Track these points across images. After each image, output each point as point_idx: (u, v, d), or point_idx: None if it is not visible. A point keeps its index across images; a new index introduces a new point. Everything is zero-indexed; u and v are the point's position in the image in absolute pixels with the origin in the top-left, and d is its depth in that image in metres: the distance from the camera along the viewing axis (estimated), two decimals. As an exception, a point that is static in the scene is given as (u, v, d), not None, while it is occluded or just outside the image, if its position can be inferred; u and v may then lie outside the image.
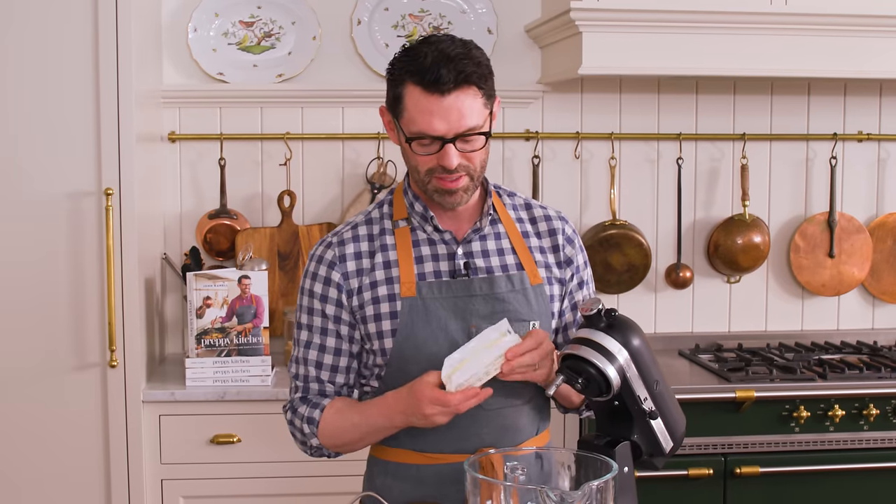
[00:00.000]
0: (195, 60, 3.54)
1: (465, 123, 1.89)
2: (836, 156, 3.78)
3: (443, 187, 1.94)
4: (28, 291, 3.02)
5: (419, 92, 1.89)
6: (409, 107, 1.90)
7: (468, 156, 1.93)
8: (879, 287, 3.88)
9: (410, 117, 1.90)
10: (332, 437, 2.03)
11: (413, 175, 2.00)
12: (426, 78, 1.87)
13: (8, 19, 2.96)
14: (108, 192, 2.97)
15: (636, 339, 1.85)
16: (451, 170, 1.91)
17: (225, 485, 3.10)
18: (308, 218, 3.66)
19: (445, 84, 1.86)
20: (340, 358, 2.05)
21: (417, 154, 1.93)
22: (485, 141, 1.94)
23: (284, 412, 2.11)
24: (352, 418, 2.00)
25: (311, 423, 2.03)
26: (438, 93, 1.87)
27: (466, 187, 1.96)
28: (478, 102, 1.91)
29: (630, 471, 1.86)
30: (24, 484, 3.05)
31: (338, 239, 2.05)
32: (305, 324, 2.07)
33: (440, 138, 1.89)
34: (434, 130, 1.89)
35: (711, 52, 3.26)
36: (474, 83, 1.90)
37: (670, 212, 3.78)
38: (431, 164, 1.93)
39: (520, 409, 2.04)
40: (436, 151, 1.91)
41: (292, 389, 2.11)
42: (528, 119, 3.70)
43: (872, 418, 3.22)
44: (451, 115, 1.88)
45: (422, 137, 1.90)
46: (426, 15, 3.64)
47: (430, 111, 1.88)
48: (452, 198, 1.96)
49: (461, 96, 1.88)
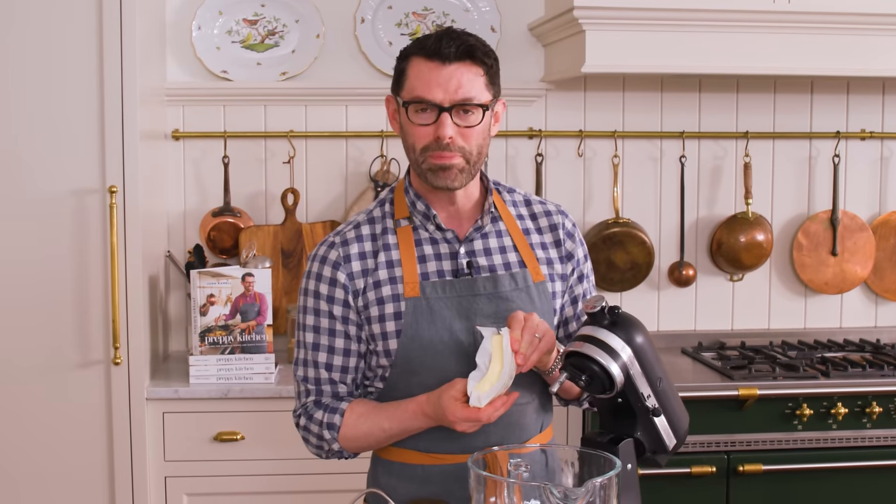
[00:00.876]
0: (199, 58, 3.54)
1: (462, 94, 1.91)
2: (839, 154, 3.78)
3: (436, 163, 1.94)
4: (32, 289, 3.02)
5: (422, 61, 1.93)
6: (411, 76, 1.94)
7: (463, 132, 1.93)
8: (882, 285, 3.88)
9: (411, 85, 1.94)
10: (355, 441, 2.01)
11: (410, 156, 1.99)
12: (429, 48, 1.92)
13: (11, 17, 2.96)
14: (112, 190, 2.98)
15: (639, 336, 1.86)
16: (445, 143, 1.91)
17: (228, 482, 3.11)
18: (311, 216, 3.66)
19: (446, 53, 1.91)
20: (350, 359, 2.04)
21: (414, 123, 1.94)
22: (482, 117, 1.94)
23: (296, 418, 2.07)
24: (381, 423, 1.98)
25: (331, 428, 2.00)
26: (439, 60, 1.91)
27: (461, 167, 1.95)
28: (479, 80, 1.94)
29: (633, 468, 1.86)
30: (28, 481, 3.06)
31: (341, 239, 2.04)
32: (312, 325, 2.04)
33: (437, 106, 1.91)
34: (431, 96, 1.91)
35: (715, 50, 3.26)
36: (477, 59, 1.93)
37: (673, 210, 3.78)
38: (427, 140, 1.93)
39: (524, 407, 2.04)
40: (432, 122, 1.92)
41: (301, 394, 2.07)
42: (531, 117, 3.70)
43: (875, 416, 3.22)
44: (450, 84, 1.91)
45: (419, 102, 1.92)
46: (429, 13, 3.64)
47: (429, 78, 1.92)
48: (446, 174, 1.95)
49: (462, 69, 1.92)
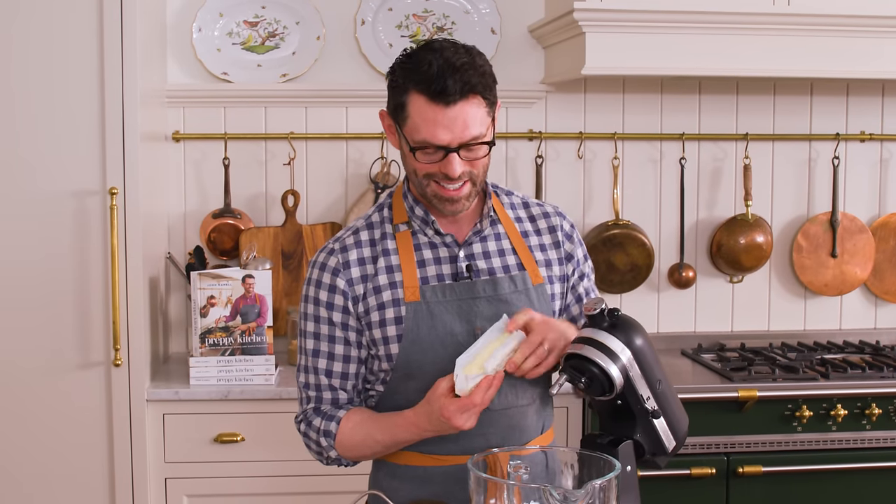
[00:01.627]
0: (199, 60, 3.55)
1: (469, 133, 1.88)
2: (838, 156, 3.79)
3: (443, 195, 1.94)
4: (32, 290, 3.02)
5: (424, 101, 1.87)
6: (413, 115, 1.89)
7: (471, 163, 1.93)
8: (882, 287, 3.89)
9: (414, 126, 1.90)
10: (351, 450, 2.01)
11: (411, 178, 1.99)
12: (432, 88, 1.85)
13: (13, 19, 2.96)
14: (113, 192, 2.98)
15: (639, 338, 1.86)
16: (453, 178, 1.91)
17: (228, 483, 3.11)
18: (312, 217, 3.66)
19: (451, 95, 1.85)
20: (350, 365, 2.04)
21: (420, 162, 1.93)
22: (488, 150, 1.94)
23: (297, 424, 2.08)
24: (374, 435, 1.98)
25: (327, 436, 2.01)
26: (444, 103, 1.86)
27: (469, 194, 1.96)
28: (481, 112, 1.90)
29: (633, 470, 1.87)
30: (28, 482, 3.06)
31: (340, 245, 2.04)
32: (312, 332, 2.05)
33: (444, 148, 1.89)
34: (438, 140, 1.88)
35: (714, 52, 3.26)
36: (479, 93, 1.89)
37: (673, 212, 3.78)
38: (432, 170, 1.92)
39: (525, 409, 2.04)
40: (439, 160, 1.91)
41: (303, 400, 2.08)
42: (531, 119, 3.71)
43: (875, 418, 3.22)
44: (456, 126, 1.87)
45: (426, 147, 1.90)
46: (430, 15, 3.65)
47: (434, 121, 1.87)
48: (454, 206, 1.96)
49: (466, 107, 1.87)
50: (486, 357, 1.84)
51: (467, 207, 1.98)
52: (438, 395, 1.86)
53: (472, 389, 1.83)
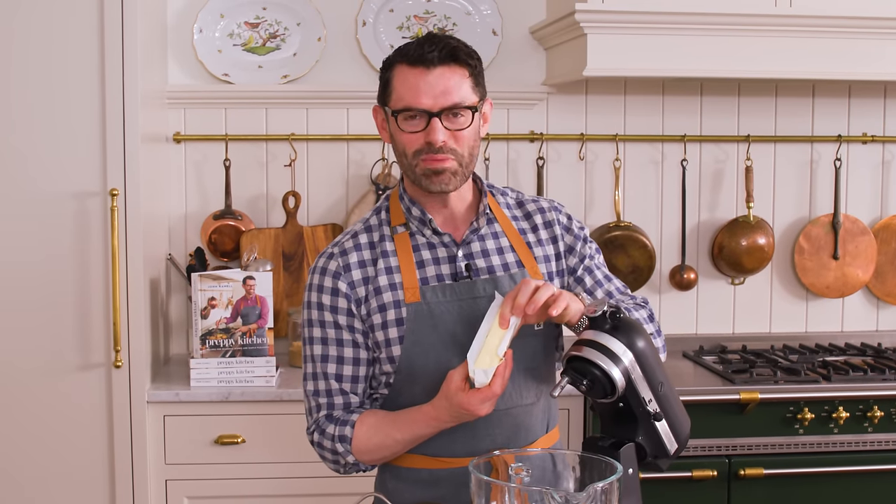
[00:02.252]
0: (200, 61, 3.54)
1: (450, 99, 1.91)
2: (840, 157, 3.78)
3: (429, 167, 1.94)
4: (33, 291, 3.02)
5: (405, 68, 1.93)
6: (397, 85, 1.93)
7: (455, 135, 1.93)
8: (884, 289, 3.88)
9: (398, 95, 1.93)
10: (369, 453, 1.99)
11: (402, 163, 1.99)
12: (412, 54, 1.91)
13: (13, 19, 2.96)
14: (114, 193, 2.98)
15: (641, 340, 1.85)
16: (437, 147, 1.91)
17: (229, 485, 3.10)
18: (313, 219, 3.66)
19: (430, 57, 1.90)
20: (360, 367, 2.03)
21: (404, 131, 1.93)
22: (471, 119, 1.94)
23: (310, 435, 2.05)
24: (393, 434, 1.97)
25: (343, 441, 1.98)
26: (423, 65, 1.90)
27: (454, 170, 1.95)
28: (465, 83, 1.93)
29: (634, 472, 1.86)
30: (29, 483, 3.06)
31: (339, 249, 2.04)
32: (319, 337, 2.03)
33: (426, 112, 1.90)
34: (419, 103, 1.90)
35: (716, 53, 3.26)
36: (461, 60, 1.93)
37: (675, 213, 3.78)
38: (418, 145, 1.93)
39: (529, 408, 2.04)
40: (422, 129, 1.92)
41: (313, 409, 2.05)
42: (532, 120, 3.70)
43: (877, 420, 3.21)
44: (437, 89, 1.90)
45: (408, 110, 1.91)
46: (431, 16, 3.64)
47: (415, 85, 1.91)
48: (440, 178, 1.94)
49: (447, 72, 1.91)
50: (497, 345, 1.84)
51: (454, 186, 1.97)
52: (455, 390, 1.85)
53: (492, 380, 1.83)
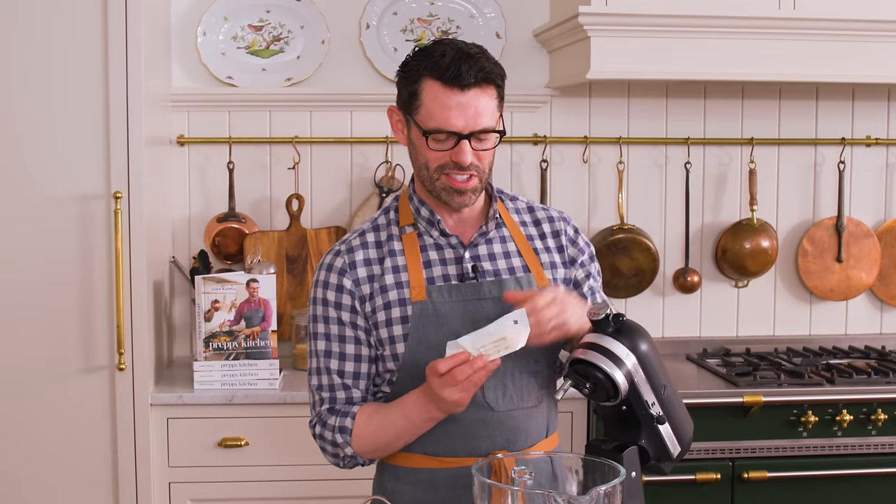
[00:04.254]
0: (204, 64, 3.55)
1: (481, 122, 1.91)
2: (844, 160, 3.78)
3: (453, 186, 1.95)
4: (37, 294, 3.02)
5: (439, 87, 1.91)
6: (427, 102, 1.92)
7: (479, 155, 1.94)
8: (887, 292, 3.88)
9: (428, 113, 1.92)
10: (367, 443, 2.00)
11: (421, 173, 2.00)
12: (447, 73, 1.89)
13: (15, 22, 2.96)
14: (117, 196, 2.98)
15: (644, 343, 1.86)
16: (464, 167, 1.92)
17: (232, 488, 3.10)
18: (316, 222, 3.66)
19: (466, 80, 1.89)
20: (362, 364, 2.04)
21: (432, 150, 1.94)
22: (497, 141, 1.96)
23: (311, 427, 2.07)
24: (386, 417, 1.97)
25: (343, 431, 2.00)
26: (458, 88, 1.89)
27: (475, 188, 1.98)
28: (493, 103, 1.94)
29: (638, 475, 1.86)
30: (32, 486, 3.06)
31: (346, 247, 2.06)
32: (322, 333, 2.05)
33: (456, 134, 1.91)
34: (452, 126, 1.90)
35: (720, 56, 3.25)
36: (493, 81, 1.93)
37: (678, 216, 3.78)
38: (443, 161, 1.94)
39: (530, 411, 2.04)
40: (450, 148, 1.92)
41: (316, 403, 2.07)
42: (536, 123, 3.70)
43: (880, 423, 3.21)
44: (469, 112, 1.90)
45: (438, 132, 1.91)
46: (435, 19, 3.64)
47: (448, 106, 1.90)
48: (462, 198, 1.97)
49: (479, 94, 1.91)
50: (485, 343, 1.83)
51: (473, 201, 2.00)
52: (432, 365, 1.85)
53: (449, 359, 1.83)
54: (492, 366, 1.84)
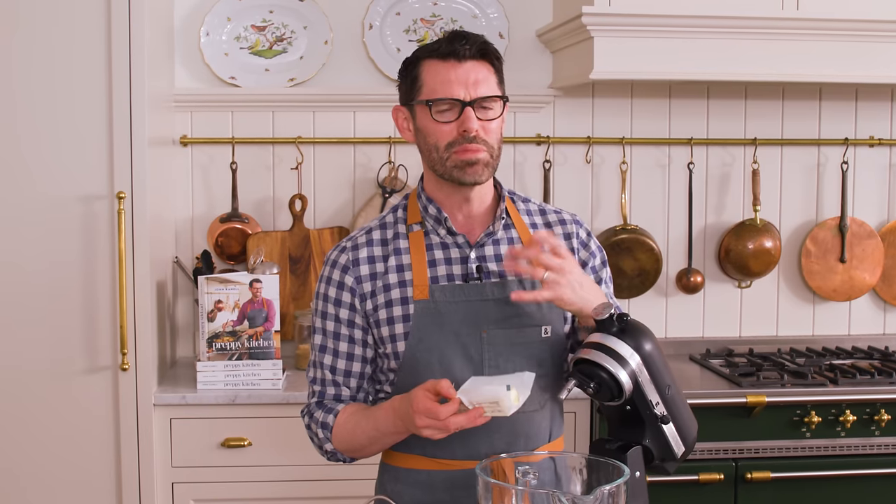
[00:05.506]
0: (207, 64, 3.55)
1: (481, 90, 1.96)
2: (847, 161, 3.78)
3: (462, 158, 1.96)
4: (40, 294, 3.02)
5: (436, 63, 1.97)
6: (428, 80, 1.97)
7: (485, 126, 1.97)
8: (891, 292, 3.88)
9: (429, 88, 1.97)
10: (344, 442, 2.03)
11: (431, 158, 2.00)
12: (443, 49, 1.96)
13: (18, 22, 2.97)
14: (120, 196, 2.98)
15: (648, 343, 1.85)
16: (470, 135, 1.94)
17: (236, 488, 3.11)
18: (319, 222, 3.66)
19: (461, 51, 1.95)
20: (353, 363, 2.06)
21: (438, 122, 1.96)
22: (501, 110, 1.99)
23: (302, 416, 2.12)
24: (360, 422, 2.00)
25: (325, 427, 2.04)
26: (455, 58, 1.96)
27: (486, 161, 1.98)
28: (492, 77, 1.99)
29: (642, 475, 1.86)
30: (35, 486, 3.06)
31: (352, 243, 2.06)
32: (320, 328, 2.08)
33: (459, 101, 1.94)
34: (453, 93, 1.95)
35: (723, 56, 3.25)
36: (489, 57, 1.99)
37: (681, 216, 3.78)
38: (451, 137, 1.96)
39: (532, 415, 2.03)
40: (455, 118, 1.95)
41: (309, 394, 2.12)
42: (539, 123, 3.70)
43: (884, 423, 3.21)
44: (469, 80, 1.95)
45: (441, 101, 1.95)
46: (437, 20, 3.64)
47: (448, 78, 1.95)
48: (473, 169, 1.97)
49: (477, 66, 1.97)
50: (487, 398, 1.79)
51: (485, 178, 1.99)
52: (421, 388, 1.83)
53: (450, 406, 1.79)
54: (478, 421, 1.80)
